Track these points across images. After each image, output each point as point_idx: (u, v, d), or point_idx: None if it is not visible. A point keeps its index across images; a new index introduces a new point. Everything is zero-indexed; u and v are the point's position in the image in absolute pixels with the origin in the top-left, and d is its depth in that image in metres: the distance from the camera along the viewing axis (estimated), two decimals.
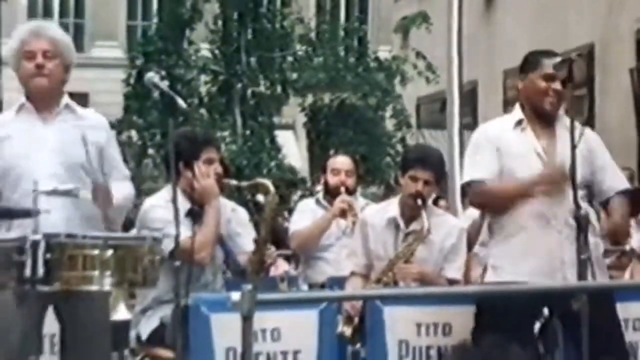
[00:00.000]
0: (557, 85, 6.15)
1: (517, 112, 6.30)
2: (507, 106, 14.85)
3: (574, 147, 5.92)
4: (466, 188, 6.38)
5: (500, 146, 6.23)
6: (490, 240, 6.37)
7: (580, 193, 5.97)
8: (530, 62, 6.30)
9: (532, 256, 6.10)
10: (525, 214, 6.12)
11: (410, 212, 7.16)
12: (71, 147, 5.98)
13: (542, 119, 6.25)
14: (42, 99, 6.03)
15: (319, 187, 8.80)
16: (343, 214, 8.13)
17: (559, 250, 6.07)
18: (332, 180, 8.36)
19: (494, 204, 6.31)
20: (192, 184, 6.83)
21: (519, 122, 6.26)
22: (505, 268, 6.16)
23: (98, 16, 38.46)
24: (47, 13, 38.45)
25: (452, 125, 11.21)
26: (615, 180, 6.32)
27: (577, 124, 6.02)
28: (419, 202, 7.02)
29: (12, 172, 5.94)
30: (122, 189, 6.14)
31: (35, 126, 6.03)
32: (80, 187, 5.88)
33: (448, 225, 7.39)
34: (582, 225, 5.93)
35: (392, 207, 7.37)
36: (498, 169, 6.18)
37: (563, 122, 6.24)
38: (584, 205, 6.00)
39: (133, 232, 6.89)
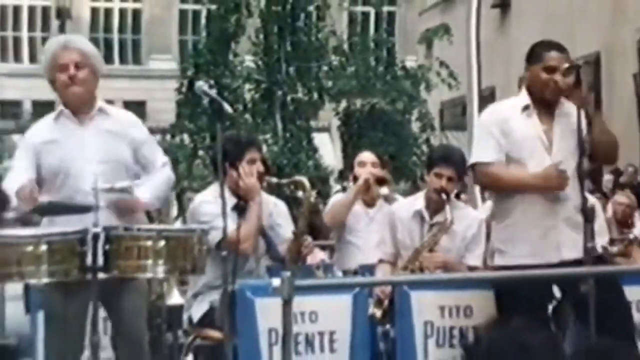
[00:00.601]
0: (557, 77, 6.04)
1: (524, 97, 6.18)
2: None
3: (581, 139, 5.91)
4: (473, 168, 6.28)
5: (506, 128, 6.12)
6: (495, 226, 6.31)
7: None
8: (534, 54, 6.19)
9: (530, 239, 6.01)
10: (527, 203, 6.04)
11: (435, 206, 7.14)
12: (109, 147, 6.00)
13: (543, 105, 6.14)
14: (78, 106, 6.03)
15: (351, 183, 8.79)
16: (367, 186, 8.14)
17: (555, 233, 6.00)
18: (359, 171, 8.38)
19: (496, 186, 6.25)
20: (237, 182, 6.84)
21: (526, 107, 6.15)
22: (510, 252, 6.09)
23: (153, 32, 38.57)
24: (108, 30, 38.61)
25: (472, 126, 11.15)
26: None
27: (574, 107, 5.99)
28: (443, 196, 7.01)
29: (60, 173, 5.94)
30: (158, 179, 6.15)
31: (75, 130, 6.03)
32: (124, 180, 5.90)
33: (469, 217, 7.37)
34: (588, 216, 5.90)
35: (418, 201, 7.36)
36: (504, 151, 6.10)
37: (563, 109, 6.14)
38: (590, 197, 5.95)
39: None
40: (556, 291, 6.31)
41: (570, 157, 6.00)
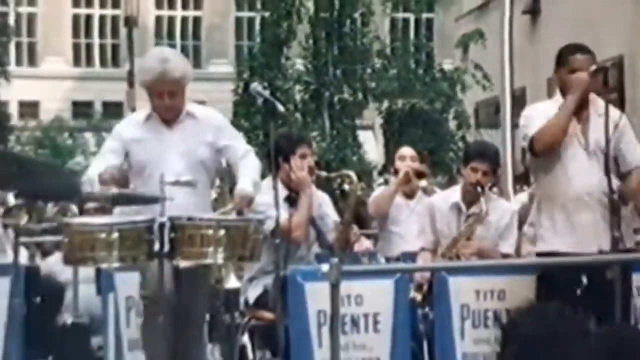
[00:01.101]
0: (582, 76, 5.99)
1: (559, 98, 6.14)
2: None
3: (607, 136, 5.85)
4: (529, 146, 6.06)
5: (545, 121, 6.04)
6: (539, 215, 6.24)
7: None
8: (561, 58, 6.15)
9: (573, 231, 5.99)
10: (567, 196, 6.00)
11: (471, 198, 7.13)
12: (192, 148, 6.07)
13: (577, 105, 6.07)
14: (167, 113, 6.12)
15: (392, 176, 8.79)
16: (407, 179, 8.13)
17: (593, 226, 5.97)
18: (399, 165, 8.38)
19: (550, 137, 5.98)
20: (289, 175, 6.86)
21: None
22: (551, 239, 6.06)
23: (212, 38, 38.69)
24: (170, 37, 38.78)
25: (505, 125, 11.10)
26: (636, 155, 6.12)
27: (611, 107, 5.94)
28: (479, 189, 7.00)
29: (147, 168, 6.02)
30: (250, 167, 6.13)
31: (163, 132, 6.10)
32: (199, 180, 5.94)
33: (502, 208, 7.36)
34: (615, 207, 5.87)
35: (455, 193, 7.35)
36: None
37: (596, 105, 6.08)
38: (616, 182, 5.91)
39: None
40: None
41: (601, 154, 5.97)
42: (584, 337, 2.32)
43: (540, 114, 6.12)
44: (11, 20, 26.66)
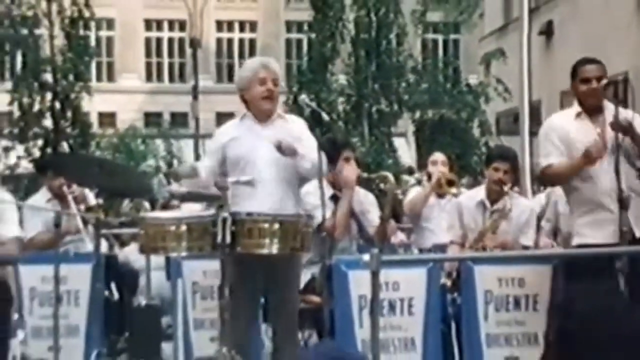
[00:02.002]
0: (593, 85, 5.99)
1: (576, 106, 6.10)
2: None
3: (617, 138, 5.80)
4: (539, 176, 6.18)
5: (562, 133, 6.04)
6: (573, 214, 6.18)
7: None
8: (574, 71, 6.13)
9: (602, 225, 5.90)
10: (594, 194, 5.93)
11: (494, 196, 7.09)
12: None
13: (592, 111, 6.05)
14: (264, 114, 6.09)
15: (425, 178, 8.76)
16: (439, 184, 8.09)
17: (617, 221, 5.86)
18: (432, 169, 8.35)
19: (559, 180, 6.10)
20: (335, 176, 6.84)
21: (579, 114, 6.08)
22: (587, 234, 5.97)
23: (265, 56, 38.67)
24: (229, 56, 38.82)
25: (523, 132, 11.02)
26: None
27: (621, 109, 5.89)
28: (501, 187, 6.98)
29: (242, 161, 6.01)
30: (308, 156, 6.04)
31: (256, 130, 6.08)
32: (285, 173, 5.98)
33: (522, 205, 7.32)
34: (625, 204, 5.81)
35: (480, 192, 7.32)
36: (563, 154, 6.02)
37: (609, 109, 5.99)
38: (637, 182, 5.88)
39: None
40: None
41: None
42: (630, 310, 2.29)
43: (555, 128, 6.10)
44: (92, 43, 26.80)
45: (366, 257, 5.34)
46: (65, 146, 21.70)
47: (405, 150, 29.11)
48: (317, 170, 5.95)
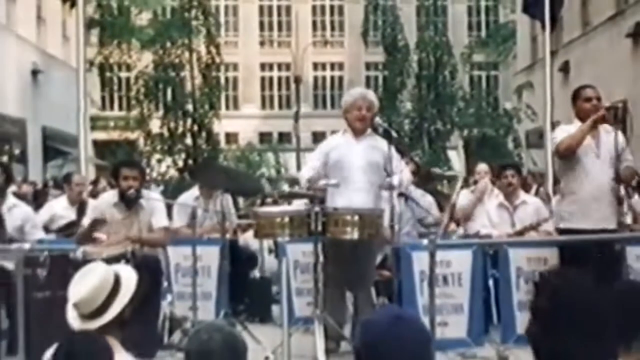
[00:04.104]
0: (594, 102, 5.83)
1: (577, 123, 5.89)
2: None
3: (617, 153, 5.68)
4: (555, 149, 5.87)
5: (570, 129, 5.85)
6: (561, 202, 5.98)
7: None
8: (575, 94, 5.99)
9: (587, 214, 5.73)
10: (584, 189, 5.74)
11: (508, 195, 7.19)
12: (371, 155, 6.00)
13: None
14: (358, 131, 6.07)
15: (472, 187, 8.62)
16: (482, 196, 7.98)
17: (601, 211, 5.71)
18: (478, 177, 8.22)
19: (567, 148, 5.75)
20: None
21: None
22: (573, 219, 5.77)
23: (350, 89, 38.66)
24: (323, 89, 38.89)
25: (547, 146, 10.81)
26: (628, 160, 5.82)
27: (612, 129, 5.77)
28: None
29: (340, 164, 5.98)
30: (403, 174, 6.06)
31: (352, 143, 6.07)
32: (372, 177, 5.91)
33: (536, 203, 7.35)
34: (620, 199, 5.72)
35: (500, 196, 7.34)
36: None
37: (604, 127, 5.81)
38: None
39: None
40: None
41: (611, 163, 5.74)
42: (603, 287, 2.21)
43: (564, 131, 5.95)
44: (222, 81, 27.21)
45: (425, 241, 5.30)
46: (200, 159, 22.04)
47: (457, 161, 28.87)
48: (405, 186, 6.03)
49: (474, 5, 37.36)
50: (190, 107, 22.43)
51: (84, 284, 3.10)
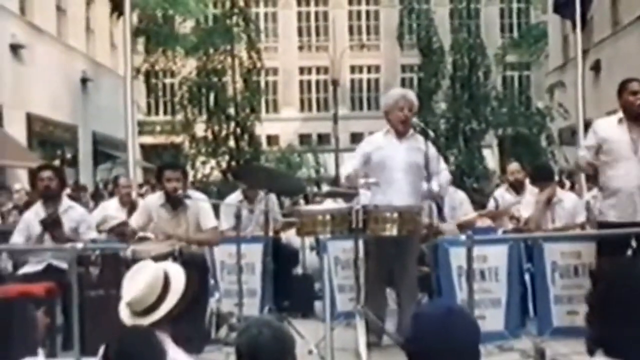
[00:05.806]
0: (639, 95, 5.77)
1: (620, 114, 5.85)
2: None
3: None
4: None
5: (602, 135, 5.83)
6: (602, 195, 5.98)
7: None
8: (621, 87, 5.90)
9: (625, 209, 5.71)
10: (622, 186, 5.71)
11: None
12: (412, 155, 5.96)
13: (634, 120, 5.79)
14: (400, 132, 6.02)
15: (503, 184, 8.52)
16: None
17: (635, 204, 5.69)
18: (509, 177, 8.10)
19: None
20: None
21: (620, 120, 5.83)
22: (610, 213, 5.79)
23: (386, 91, 38.51)
24: (360, 91, 38.82)
25: (579, 143, 10.68)
26: None
27: None
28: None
29: (382, 164, 5.96)
30: (442, 176, 6.04)
31: (395, 143, 6.03)
32: (413, 176, 5.89)
33: (573, 199, 7.25)
34: None
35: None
36: (594, 145, 5.85)
37: None
38: None
39: None
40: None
41: None
42: None
43: (597, 131, 5.89)
44: (262, 85, 27.31)
45: (463, 237, 5.25)
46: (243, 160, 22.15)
47: (491, 159, 28.64)
48: (445, 188, 5.99)
49: (506, 7, 37.06)
50: (232, 111, 22.52)
51: (136, 284, 3.13)
